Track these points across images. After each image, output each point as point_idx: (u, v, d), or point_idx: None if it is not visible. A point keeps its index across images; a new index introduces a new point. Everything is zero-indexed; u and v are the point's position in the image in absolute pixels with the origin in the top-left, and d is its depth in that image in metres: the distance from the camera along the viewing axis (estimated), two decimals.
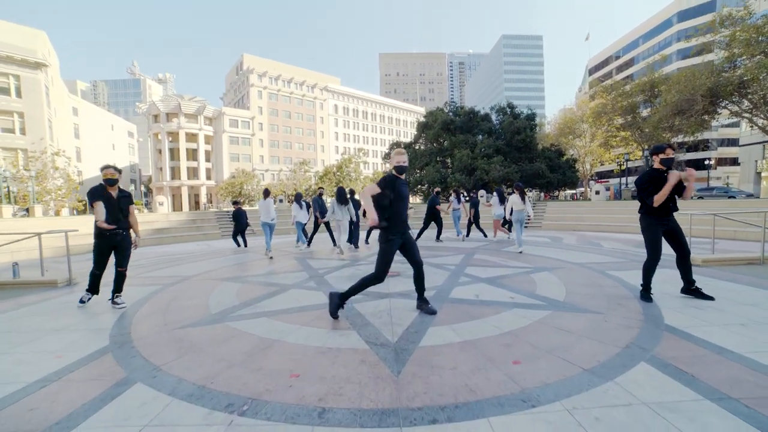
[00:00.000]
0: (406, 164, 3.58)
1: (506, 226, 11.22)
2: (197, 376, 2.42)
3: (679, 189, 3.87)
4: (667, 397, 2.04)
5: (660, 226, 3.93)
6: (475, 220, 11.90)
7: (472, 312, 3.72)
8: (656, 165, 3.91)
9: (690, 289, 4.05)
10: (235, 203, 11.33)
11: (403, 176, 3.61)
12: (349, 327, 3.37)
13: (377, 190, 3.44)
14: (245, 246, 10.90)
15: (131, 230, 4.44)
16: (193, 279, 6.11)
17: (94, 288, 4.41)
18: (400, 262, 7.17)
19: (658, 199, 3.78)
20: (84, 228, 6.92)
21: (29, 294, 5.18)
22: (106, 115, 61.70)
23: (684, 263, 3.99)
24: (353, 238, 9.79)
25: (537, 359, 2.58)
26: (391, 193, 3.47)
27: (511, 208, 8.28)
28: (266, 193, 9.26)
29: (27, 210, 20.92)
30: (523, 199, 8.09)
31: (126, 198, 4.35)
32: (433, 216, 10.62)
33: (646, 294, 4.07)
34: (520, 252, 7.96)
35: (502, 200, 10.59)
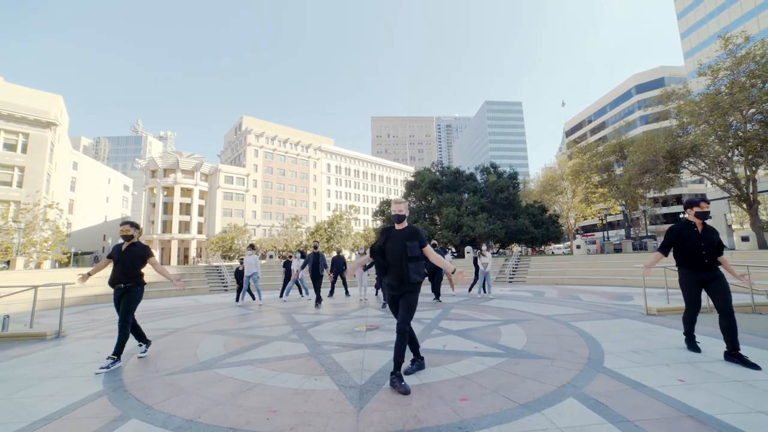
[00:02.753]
0: (402, 213, 3.49)
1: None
2: (186, 412, 2.78)
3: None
4: (577, 423, 2.48)
5: (695, 279, 3.95)
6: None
7: (435, 360, 4.12)
8: (690, 218, 4.00)
9: (731, 354, 3.69)
10: (292, 256, 12.61)
11: (400, 225, 3.51)
12: (324, 373, 3.74)
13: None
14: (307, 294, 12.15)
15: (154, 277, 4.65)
16: (182, 332, 6.36)
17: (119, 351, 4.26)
18: (381, 316, 7.56)
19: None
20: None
21: (19, 346, 5.38)
22: (104, 170, 63.40)
23: (722, 324, 3.76)
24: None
25: (482, 397, 3.01)
26: (382, 242, 3.50)
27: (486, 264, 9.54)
28: (252, 247, 10.67)
29: (7, 263, 20.56)
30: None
31: (129, 253, 4.34)
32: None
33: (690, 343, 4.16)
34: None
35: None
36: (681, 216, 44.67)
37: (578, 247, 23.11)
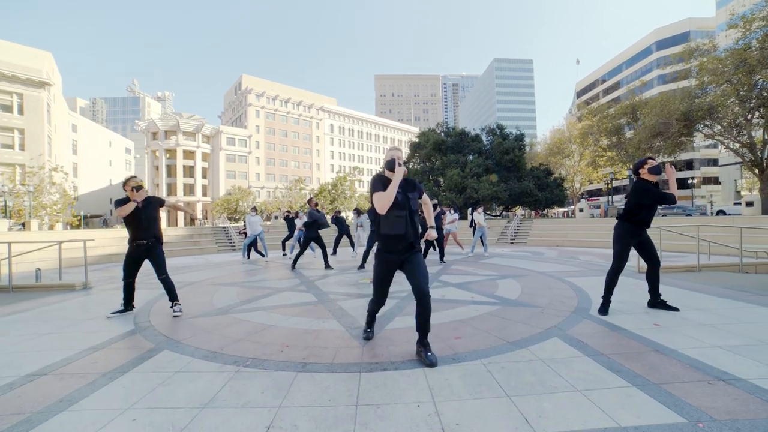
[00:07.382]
0: (400, 159, 2.79)
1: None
2: (210, 346, 3.14)
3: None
4: (558, 356, 2.79)
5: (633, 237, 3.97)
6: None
7: (434, 307, 4.42)
8: (645, 177, 3.86)
9: (656, 302, 4.13)
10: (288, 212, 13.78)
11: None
12: (331, 317, 4.10)
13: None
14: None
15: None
16: (197, 284, 6.79)
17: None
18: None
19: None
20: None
21: (54, 295, 5.83)
22: (105, 132, 62.80)
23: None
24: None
25: (474, 336, 3.33)
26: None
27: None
28: (254, 209, 11.64)
29: (23, 224, 21.23)
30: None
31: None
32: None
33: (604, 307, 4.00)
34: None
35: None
36: (689, 181, 43.96)
37: (581, 210, 23.19)
